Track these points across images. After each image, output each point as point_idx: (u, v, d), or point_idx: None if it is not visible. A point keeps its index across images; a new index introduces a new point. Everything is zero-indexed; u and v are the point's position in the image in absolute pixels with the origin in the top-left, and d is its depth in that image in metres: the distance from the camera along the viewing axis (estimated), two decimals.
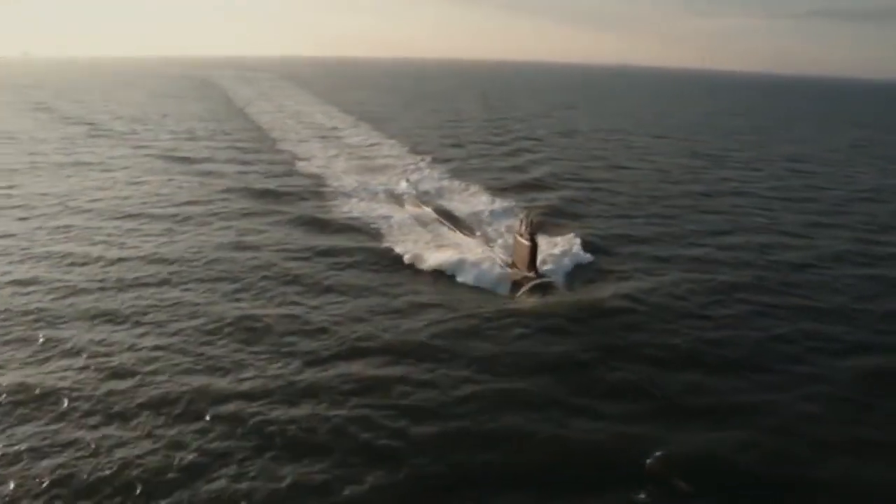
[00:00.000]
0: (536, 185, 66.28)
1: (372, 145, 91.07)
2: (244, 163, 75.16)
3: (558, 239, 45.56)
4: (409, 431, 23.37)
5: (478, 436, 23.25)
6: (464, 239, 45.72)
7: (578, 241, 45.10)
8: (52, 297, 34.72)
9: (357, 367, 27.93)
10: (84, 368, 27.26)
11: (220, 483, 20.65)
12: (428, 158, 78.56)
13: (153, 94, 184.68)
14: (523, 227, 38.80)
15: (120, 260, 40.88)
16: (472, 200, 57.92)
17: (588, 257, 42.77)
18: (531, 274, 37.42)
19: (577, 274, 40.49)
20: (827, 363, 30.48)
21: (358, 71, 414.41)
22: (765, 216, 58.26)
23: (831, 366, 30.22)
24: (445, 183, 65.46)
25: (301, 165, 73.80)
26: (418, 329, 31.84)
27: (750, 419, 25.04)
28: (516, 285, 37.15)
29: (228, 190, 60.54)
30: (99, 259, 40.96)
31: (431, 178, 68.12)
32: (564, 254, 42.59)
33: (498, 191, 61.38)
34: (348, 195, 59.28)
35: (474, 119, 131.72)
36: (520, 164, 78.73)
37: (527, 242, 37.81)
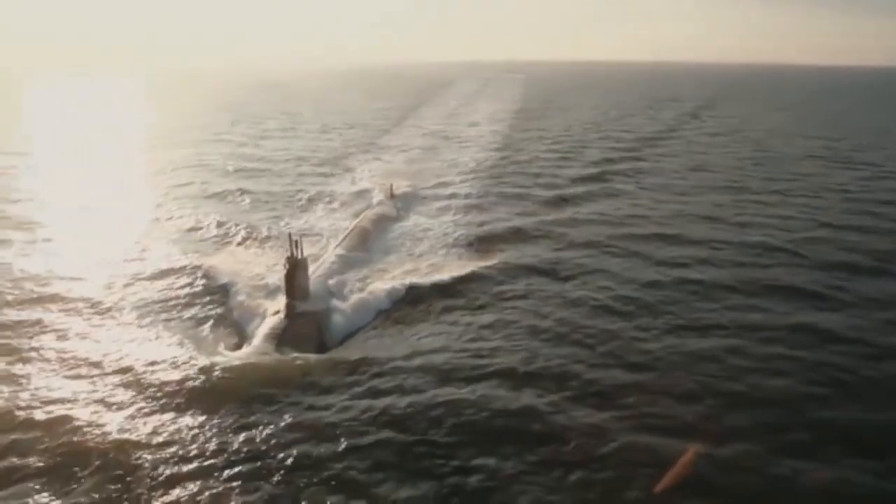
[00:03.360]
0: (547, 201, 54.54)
1: (466, 142, 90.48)
2: (283, 158, 78.87)
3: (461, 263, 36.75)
4: None
5: None
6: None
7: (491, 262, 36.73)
8: None
9: None
10: None
11: None
12: (492, 159, 74.30)
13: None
14: (291, 247, 30.25)
15: None
16: (440, 217, 48.95)
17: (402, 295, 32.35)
18: (280, 314, 29.05)
19: (391, 317, 30.91)
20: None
21: (631, 75, 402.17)
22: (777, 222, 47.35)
23: None
24: (438, 192, 57.75)
25: (344, 163, 73.96)
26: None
27: None
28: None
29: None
30: None
31: (450, 185, 60.92)
32: (390, 294, 32.31)
33: (497, 205, 52.49)
34: (314, 199, 55.28)
35: (658, 122, 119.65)
36: (592, 172, 66.46)
37: (284, 268, 29.73)
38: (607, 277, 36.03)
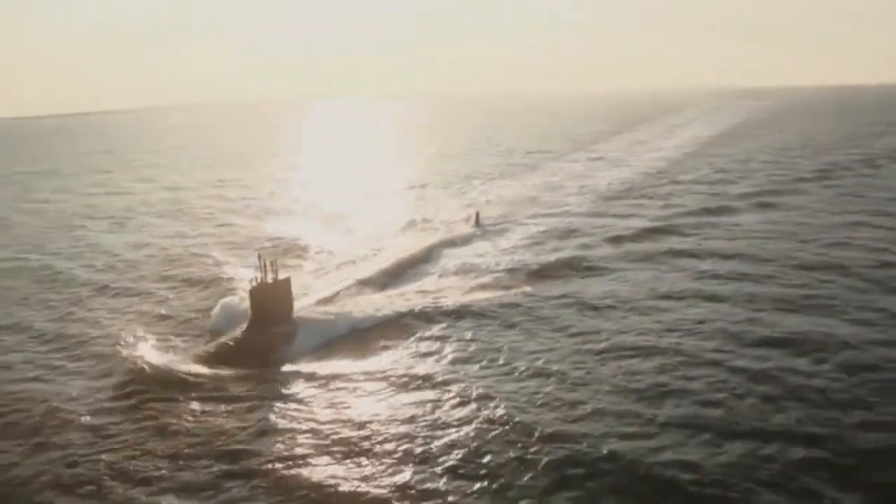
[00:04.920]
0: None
1: (624, 165, 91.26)
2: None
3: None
4: None
5: None
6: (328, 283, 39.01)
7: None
8: None
9: None
10: None
11: None
12: (633, 186, 73.58)
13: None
14: (262, 269, 30.71)
15: None
16: (511, 246, 47.78)
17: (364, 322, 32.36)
18: (240, 331, 30.71)
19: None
20: None
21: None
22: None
23: None
24: (537, 219, 56.80)
25: (468, 185, 79.05)
26: None
27: None
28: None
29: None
30: None
31: (560, 209, 60.80)
32: (364, 316, 32.91)
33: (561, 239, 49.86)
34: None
35: (861, 147, 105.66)
36: (721, 204, 60.46)
37: (251, 286, 30.66)
38: (627, 286, 37.21)
